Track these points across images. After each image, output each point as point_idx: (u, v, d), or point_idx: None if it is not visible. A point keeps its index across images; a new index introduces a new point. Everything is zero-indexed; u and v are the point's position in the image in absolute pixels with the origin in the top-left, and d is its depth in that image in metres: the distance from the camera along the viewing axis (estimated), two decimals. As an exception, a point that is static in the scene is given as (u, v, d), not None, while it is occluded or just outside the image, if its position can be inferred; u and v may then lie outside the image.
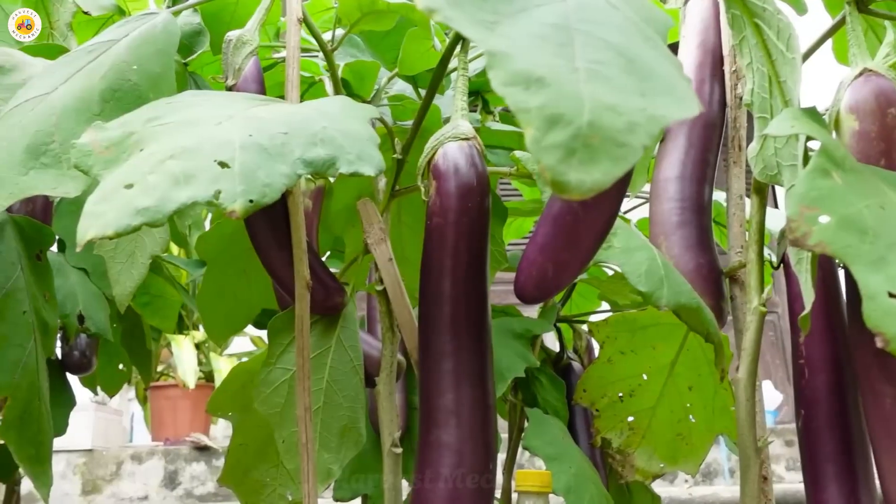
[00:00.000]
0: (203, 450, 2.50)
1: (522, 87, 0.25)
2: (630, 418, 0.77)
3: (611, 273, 1.18)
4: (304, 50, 0.78)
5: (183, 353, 2.54)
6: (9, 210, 0.66)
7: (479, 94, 1.02)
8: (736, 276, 0.62)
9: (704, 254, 0.59)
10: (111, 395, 1.38)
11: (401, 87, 0.82)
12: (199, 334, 2.89)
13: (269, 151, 0.42)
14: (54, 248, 1.01)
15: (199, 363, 2.80)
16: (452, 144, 0.50)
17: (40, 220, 0.70)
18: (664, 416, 0.76)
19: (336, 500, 0.84)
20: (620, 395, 0.77)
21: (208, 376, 2.90)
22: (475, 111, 1.02)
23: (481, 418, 0.47)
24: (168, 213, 0.38)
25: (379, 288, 0.59)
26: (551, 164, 0.23)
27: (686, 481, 2.23)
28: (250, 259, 0.81)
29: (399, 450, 0.55)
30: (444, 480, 0.45)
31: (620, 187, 0.41)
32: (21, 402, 0.59)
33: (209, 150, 0.41)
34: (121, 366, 1.27)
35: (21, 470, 1.02)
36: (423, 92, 0.83)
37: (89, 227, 0.37)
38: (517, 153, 0.51)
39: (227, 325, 0.80)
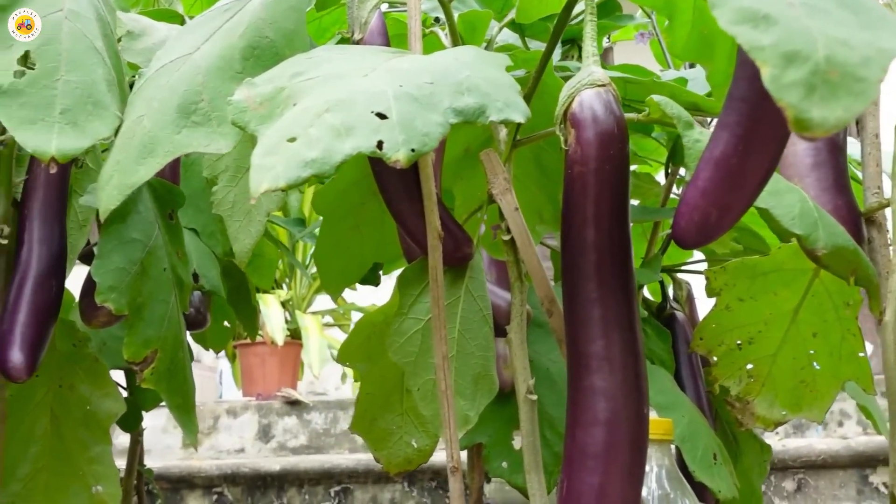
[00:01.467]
0: (294, 404, 2.58)
1: (751, 26, 0.24)
2: (749, 366, 0.76)
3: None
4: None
5: (271, 311, 2.62)
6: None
7: (575, 42, 1.01)
8: (873, 218, 0.60)
9: (842, 195, 0.58)
10: (217, 352, 1.44)
11: (504, 36, 0.82)
12: (284, 293, 2.98)
13: (421, 101, 0.42)
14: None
15: (285, 321, 2.88)
16: (589, 91, 0.50)
17: (170, 180, 0.72)
18: (786, 364, 0.75)
19: (462, 448, 0.86)
20: (739, 342, 0.76)
21: (294, 333, 2.98)
22: (569, 59, 1.01)
23: (633, 364, 0.48)
24: (335, 164, 0.39)
25: (505, 238, 0.59)
26: (793, 102, 0.23)
27: (777, 433, 2.20)
28: (362, 214, 0.82)
29: (534, 397, 0.55)
30: (601, 426, 0.46)
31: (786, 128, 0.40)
32: (169, 353, 0.62)
33: (364, 101, 0.42)
34: (225, 322, 1.32)
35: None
36: (530, 42, 0.82)
37: (262, 180, 0.39)
38: (654, 97, 0.51)
39: (342, 278, 0.82)
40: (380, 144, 0.39)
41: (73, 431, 0.71)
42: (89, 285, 0.67)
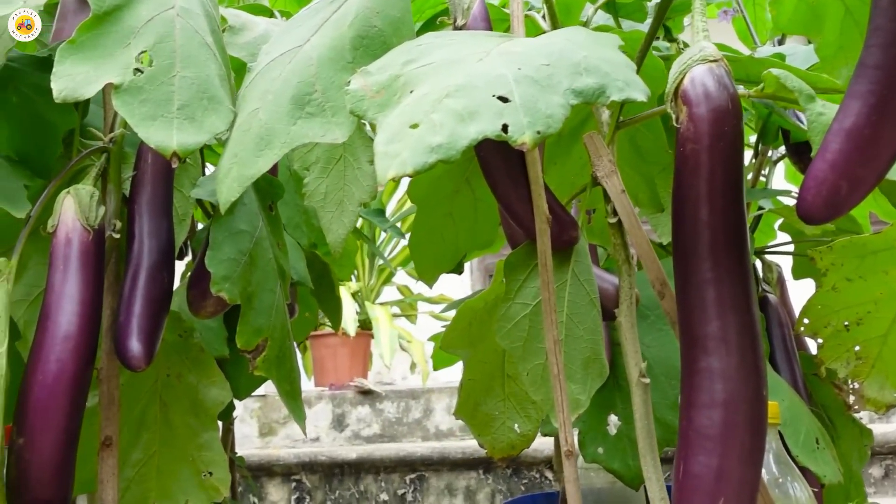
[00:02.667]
0: (366, 394, 2.62)
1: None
2: (857, 347, 0.74)
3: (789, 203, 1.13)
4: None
5: (343, 303, 2.65)
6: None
7: (661, 22, 0.99)
8: None
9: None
10: (300, 342, 1.46)
11: (596, 18, 0.81)
12: (354, 284, 3.01)
13: (540, 83, 0.42)
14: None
15: (355, 312, 2.91)
16: (700, 67, 0.49)
17: (270, 172, 0.73)
18: (897, 345, 0.72)
19: (544, 435, 0.86)
20: (846, 323, 0.74)
21: (363, 324, 3.02)
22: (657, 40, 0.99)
23: (751, 345, 0.47)
24: (461, 148, 0.39)
25: (612, 220, 0.58)
26: None
27: (860, 417, 2.13)
28: (454, 202, 0.83)
29: (647, 380, 0.55)
30: (719, 408, 0.45)
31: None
32: (277, 342, 0.63)
33: (484, 85, 0.42)
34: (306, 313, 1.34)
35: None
36: (623, 22, 0.81)
37: (388, 167, 0.39)
38: (773, 70, 0.49)
39: (435, 265, 0.83)
40: (504, 128, 0.39)
41: (181, 419, 0.73)
42: (196, 277, 0.69)
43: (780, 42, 1.04)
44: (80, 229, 0.59)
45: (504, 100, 0.40)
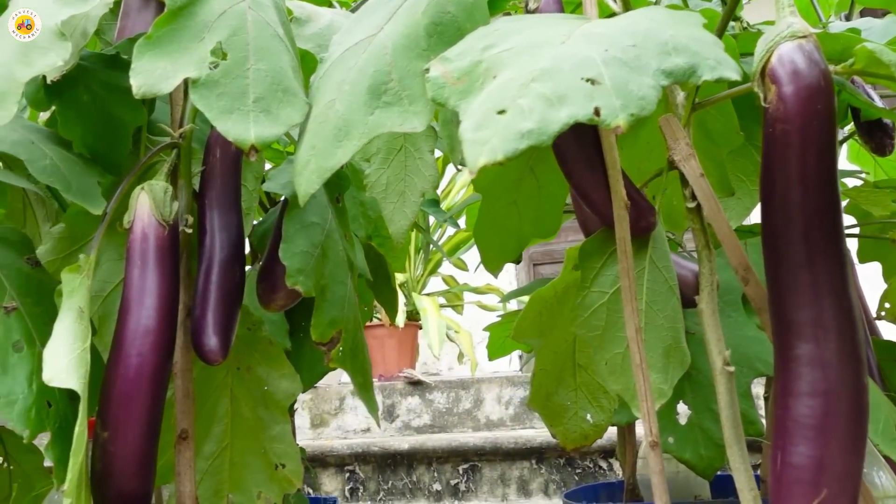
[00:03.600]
0: (416, 384, 2.62)
1: None
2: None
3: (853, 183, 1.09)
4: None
5: (391, 294, 2.65)
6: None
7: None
8: None
9: None
10: (355, 333, 1.46)
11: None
12: (400, 275, 3.02)
13: (629, 65, 0.41)
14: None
15: (403, 303, 2.92)
16: (789, 44, 0.47)
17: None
18: None
19: (614, 425, 0.84)
20: (931, 308, 0.71)
21: (411, 315, 3.03)
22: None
23: (849, 330, 0.45)
24: (552, 133, 0.38)
25: (690, 205, 0.57)
26: None
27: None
28: (518, 190, 0.82)
29: (732, 368, 0.53)
30: (819, 396, 0.44)
31: None
32: (351, 334, 0.63)
33: (571, 68, 0.41)
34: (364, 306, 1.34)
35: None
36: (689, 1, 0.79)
37: (479, 154, 0.38)
38: (867, 45, 0.47)
39: (500, 254, 0.82)
40: (597, 111, 0.38)
41: (252, 411, 0.74)
42: (266, 270, 0.69)
43: (847, 17, 1.00)
44: (155, 225, 0.60)
45: (592, 82, 0.39)
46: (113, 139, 0.68)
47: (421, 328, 3.21)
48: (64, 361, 0.51)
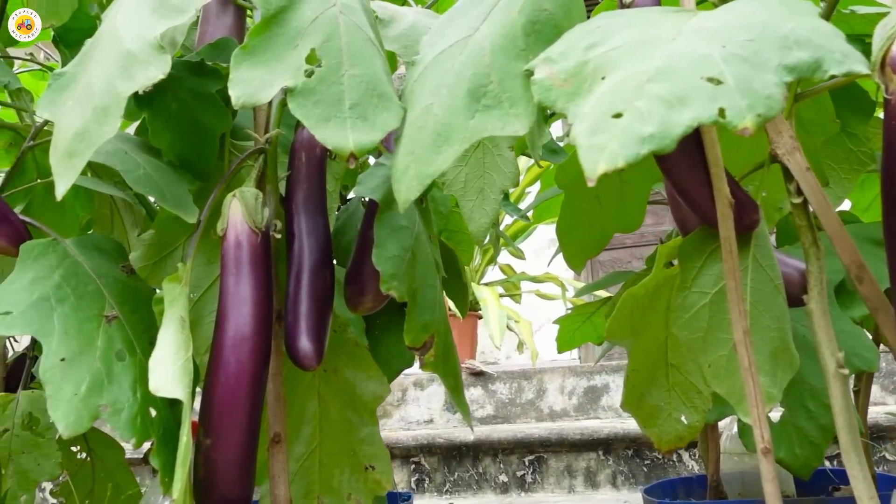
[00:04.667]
0: (478, 375, 2.62)
1: None
2: None
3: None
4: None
5: (452, 285, 2.65)
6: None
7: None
8: None
9: None
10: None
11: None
12: (459, 267, 3.01)
13: (749, 61, 0.39)
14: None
15: (463, 294, 2.91)
16: (911, 32, 0.44)
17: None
18: None
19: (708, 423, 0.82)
20: None
21: (471, 306, 3.02)
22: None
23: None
24: (675, 137, 0.37)
25: (796, 200, 0.55)
26: None
27: None
28: (601, 185, 0.80)
29: (846, 371, 0.51)
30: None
31: None
32: (442, 337, 0.62)
33: (688, 67, 0.39)
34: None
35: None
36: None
37: (597, 161, 0.37)
38: None
39: (583, 250, 0.81)
40: (722, 112, 0.37)
41: (340, 413, 0.74)
42: (353, 273, 0.69)
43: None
44: (248, 231, 0.60)
45: (714, 82, 0.38)
46: (201, 146, 0.69)
47: (480, 318, 3.21)
48: (169, 371, 0.52)
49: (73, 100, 0.53)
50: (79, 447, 1.37)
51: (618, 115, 0.38)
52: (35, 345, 1.28)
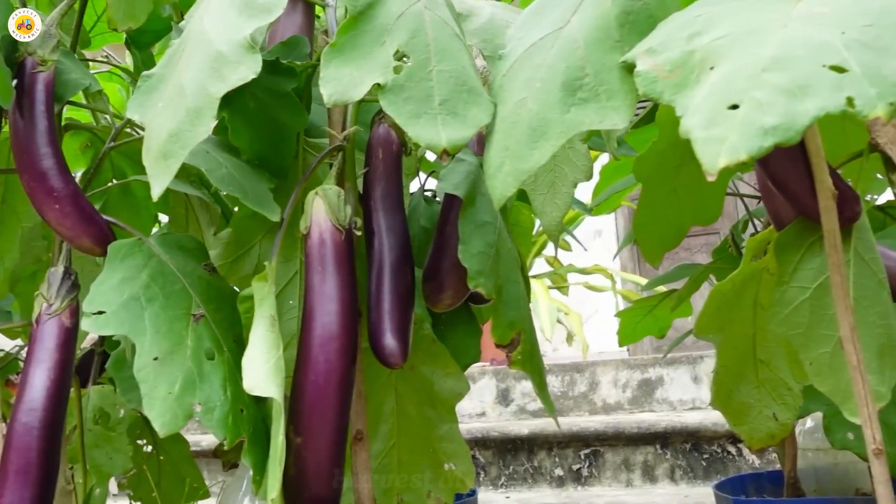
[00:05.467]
0: (530, 368, 2.61)
1: None
2: None
3: None
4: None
5: (503, 278, 2.64)
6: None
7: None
8: None
9: None
10: (483, 324, 1.46)
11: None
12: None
13: (872, 48, 0.37)
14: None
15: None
16: None
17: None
18: None
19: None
20: None
21: (521, 298, 3.01)
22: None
23: None
24: (800, 129, 0.35)
25: (900, 191, 0.53)
26: None
27: None
28: (678, 177, 0.78)
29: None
30: None
31: None
32: (529, 334, 0.62)
33: (807, 55, 0.38)
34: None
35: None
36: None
37: (717, 154, 0.36)
38: None
39: (660, 244, 0.79)
40: (850, 101, 0.35)
41: (419, 410, 0.74)
42: (432, 270, 0.69)
43: None
44: (332, 229, 0.60)
45: (837, 70, 0.36)
46: (278, 144, 0.69)
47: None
48: (262, 370, 0.52)
49: (164, 101, 0.53)
50: (145, 441, 1.40)
51: (734, 107, 0.37)
52: (103, 341, 1.31)
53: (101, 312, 0.56)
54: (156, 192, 0.49)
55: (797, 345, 0.54)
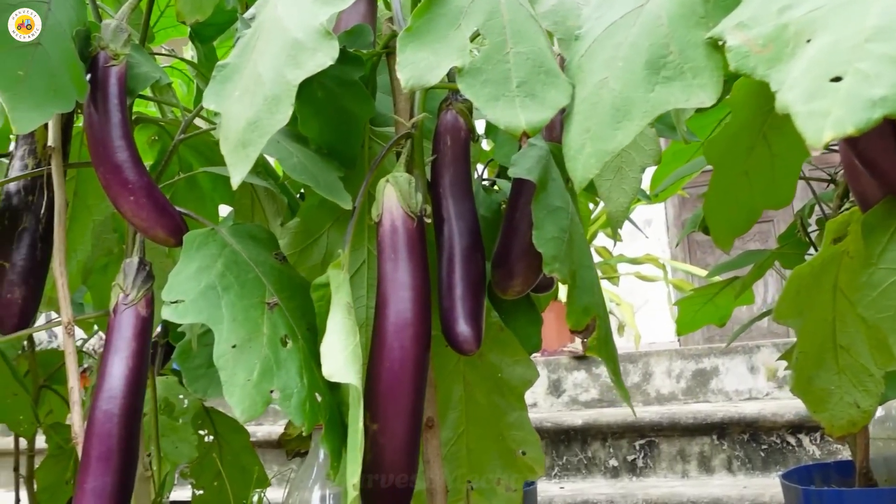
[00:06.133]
0: (581, 359, 2.59)
1: None
2: None
3: None
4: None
5: (553, 268, 2.63)
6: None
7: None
8: None
9: None
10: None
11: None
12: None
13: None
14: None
15: (562, 277, 2.88)
16: None
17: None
18: None
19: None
20: None
21: (571, 289, 2.99)
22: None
23: None
24: (911, 99, 0.34)
25: None
26: None
27: None
28: (750, 159, 0.76)
29: None
30: None
31: None
32: (603, 320, 0.61)
33: (912, 24, 0.36)
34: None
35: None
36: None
37: (821, 128, 0.35)
38: None
39: (731, 228, 0.77)
40: (963, 70, 0.34)
41: (487, 398, 0.73)
42: (501, 256, 0.68)
43: None
44: (403, 216, 0.60)
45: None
46: (346, 133, 0.69)
47: (579, 301, 3.17)
48: (341, 357, 0.52)
49: (240, 90, 0.53)
50: (206, 431, 1.42)
51: (837, 79, 0.36)
52: (166, 333, 1.34)
53: (179, 301, 0.57)
54: (235, 181, 0.50)
55: (886, 328, 0.52)
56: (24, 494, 1.25)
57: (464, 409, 0.74)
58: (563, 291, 2.66)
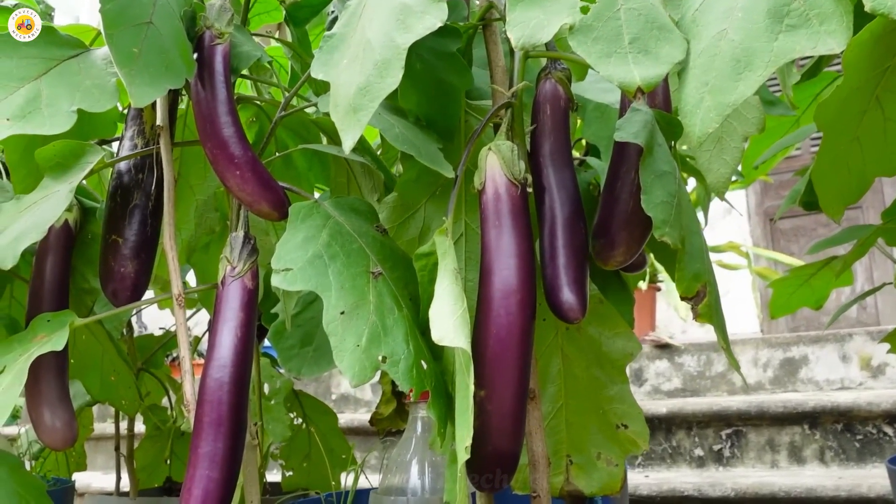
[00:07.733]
0: (663, 348, 2.54)
1: None
2: None
3: None
4: None
5: (634, 256, 2.58)
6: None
7: None
8: None
9: None
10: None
11: None
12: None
13: None
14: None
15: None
16: None
17: (663, 109, 0.69)
18: None
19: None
20: None
21: (652, 278, 2.94)
22: None
23: None
24: None
25: None
26: None
27: None
28: (862, 124, 0.73)
29: None
30: None
31: None
32: (713, 286, 0.59)
33: None
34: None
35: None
36: None
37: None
38: None
39: (840, 197, 0.74)
40: None
41: (586, 371, 0.72)
42: (602, 226, 0.67)
43: None
44: (507, 183, 0.60)
45: None
46: (445, 105, 0.69)
47: (659, 290, 3.12)
48: (450, 321, 0.52)
49: (348, 58, 0.54)
50: (295, 413, 1.45)
51: None
52: (259, 314, 1.37)
53: (288, 269, 0.58)
54: (347, 145, 0.50)
55: None
56: (124, 474, 1.30)
57: (562, 384, 0.73)
58: (643, 283, 2.61)
